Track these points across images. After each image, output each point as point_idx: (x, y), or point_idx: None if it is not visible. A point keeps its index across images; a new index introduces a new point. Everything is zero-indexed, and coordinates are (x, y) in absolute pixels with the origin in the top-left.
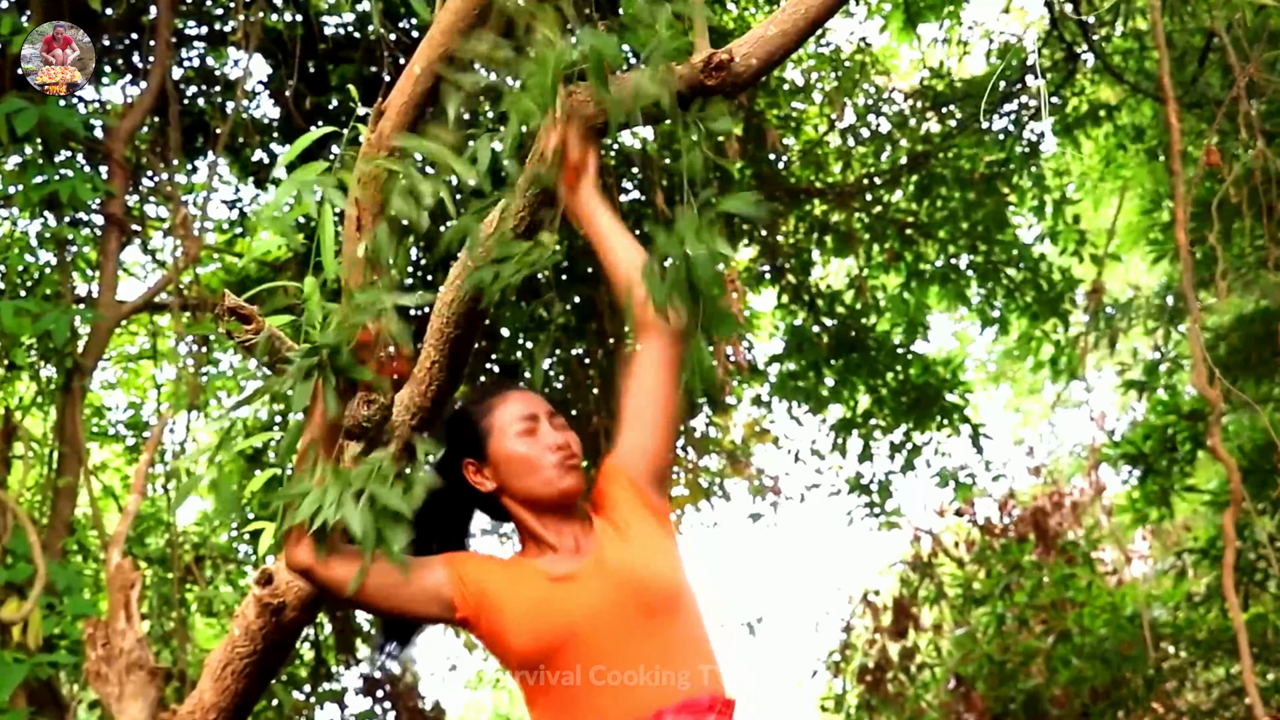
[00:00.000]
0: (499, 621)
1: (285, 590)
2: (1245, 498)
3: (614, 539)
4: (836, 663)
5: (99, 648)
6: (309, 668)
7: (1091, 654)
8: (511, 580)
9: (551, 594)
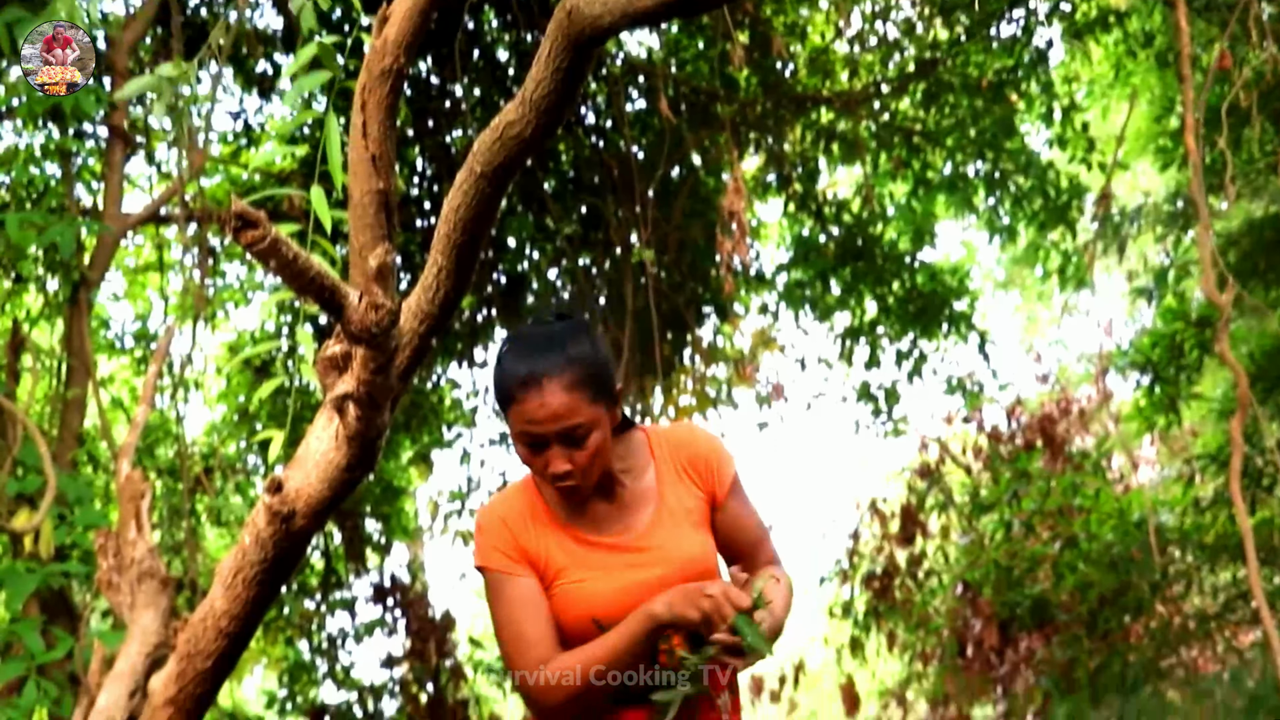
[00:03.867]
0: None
1: (295, 498)
2: (1253, 403)
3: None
4: (844, 570)
5: (110, 557)
6: (319, 576)
7: (1098, 560)
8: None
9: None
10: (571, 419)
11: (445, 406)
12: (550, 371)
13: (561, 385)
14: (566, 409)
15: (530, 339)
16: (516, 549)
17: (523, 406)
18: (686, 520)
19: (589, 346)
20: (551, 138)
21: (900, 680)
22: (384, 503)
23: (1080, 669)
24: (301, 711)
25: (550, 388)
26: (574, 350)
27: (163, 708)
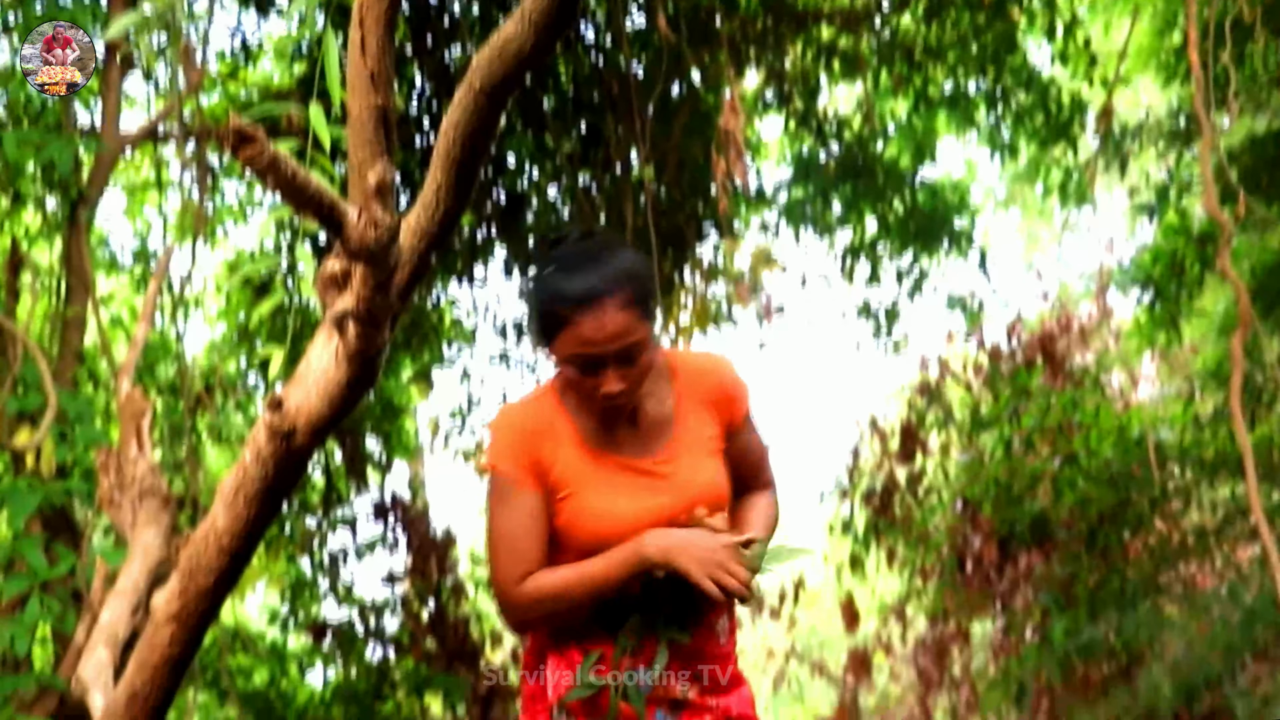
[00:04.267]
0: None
1: (295, 416)
2: (1254, 319)
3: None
4: (844, 487)
5: (111, 475)
6: (320, 494)
7: (1097, 476)
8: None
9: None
10: (629, 337)
11: (445, 325)
12: (606, 290)
13: (618, 304)
14: (625, 328)
15: (575, 258)
16: (531, 460)
17: (579, 328)
18: (703, 448)
19: (636, 262)
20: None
21: (899, 596)
22: (384, 421)
23: (1079, 585)
24: (303, 628)
25: (608, 306)
26: (624, 266)
27: (165, 624)
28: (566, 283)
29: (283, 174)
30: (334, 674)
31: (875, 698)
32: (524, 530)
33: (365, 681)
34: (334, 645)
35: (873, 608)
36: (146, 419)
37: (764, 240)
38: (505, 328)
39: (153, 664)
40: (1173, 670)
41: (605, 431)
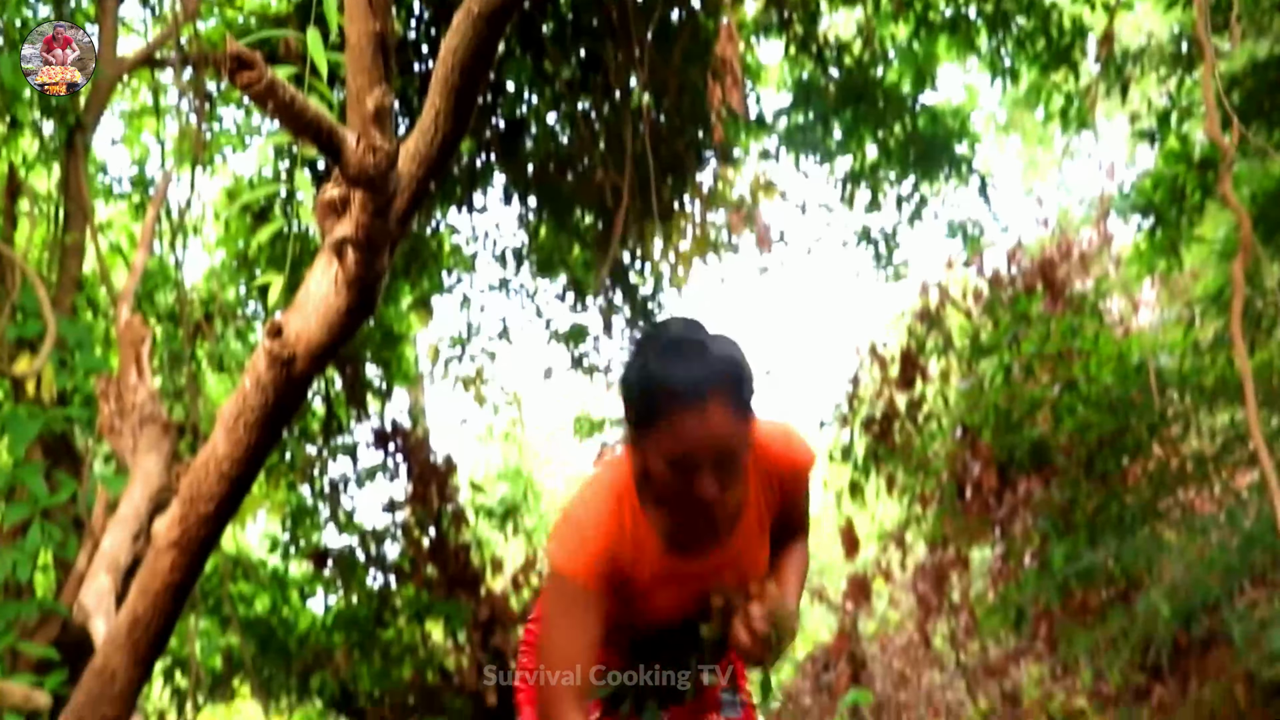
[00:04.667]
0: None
1: (295, 343)
2: (1255, 245)
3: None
4: (844, 414)
5: (112, 402)
6: (321, 422)
7: (1097, 402)
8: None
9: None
10: (731, 441)
11: (445, 252)
12: (712, 390)
13: (723, 405)
14: (728, 430)
15: (678, 348)
16: (608, 573)
17: (680, 428)
18: (763, 530)
19: (740, 356)
20: None
21: (899, 523)
22: (384, 348)
23: (1078, 511)
24: (304, 555)
25: (712, 407)
26: (729, 362)
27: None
28: (670, 377)
29: (281, 100)
30: (335, 601)
31: (874, 623)
32: (586, 646)
33: (366, 608)
34: (335, 572)
35: (872, 534)
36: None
37: (764, 167)
38: (504, 254)
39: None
40: (1170, 595)
41: (683, 530)
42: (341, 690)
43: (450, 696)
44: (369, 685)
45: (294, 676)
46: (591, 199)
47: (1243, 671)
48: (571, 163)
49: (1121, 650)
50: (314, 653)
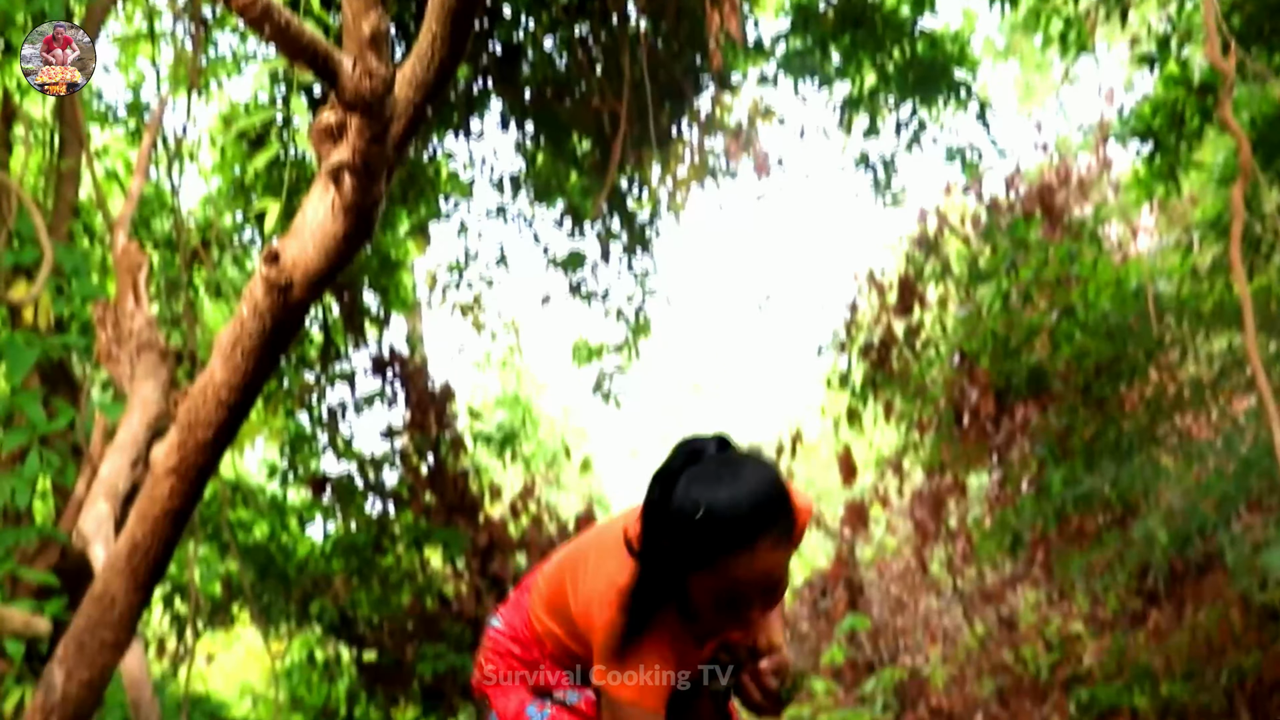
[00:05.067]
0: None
1: (292, 269)
2: (1254, 169)
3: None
4: (842, 341)
5: (109, 329)
6: (318, 349)
7: (1095, 328)
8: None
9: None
10: (776, 574)
11: (442, 178)
12: (762, 527)
13: (773, 540)
14: (777, 565)
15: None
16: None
17: (732, 569)
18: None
19: (778, 483)
20: None
21: (897, 449)
22: (382, 275)
23: (1075, 436)
24: (303, 482)
25: (762, 545)
26: (774, 491)
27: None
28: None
29: (276, 24)
30: (334, 528)
31: (872, 550)
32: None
33: (365, 535)
34: (333, 499)
35: (870, 461)
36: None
37: (762, 92)
38: (502, 181)
39: (153, 517)
40: (1167, 520)
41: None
42: (340, 616)
43: (449, 622)
44: (368, 611)
45: (293, 603)
46: (589, 125)
47: (1238, 595)
48: (569, 88)
49: (1117, 575)
50: (313, 579)
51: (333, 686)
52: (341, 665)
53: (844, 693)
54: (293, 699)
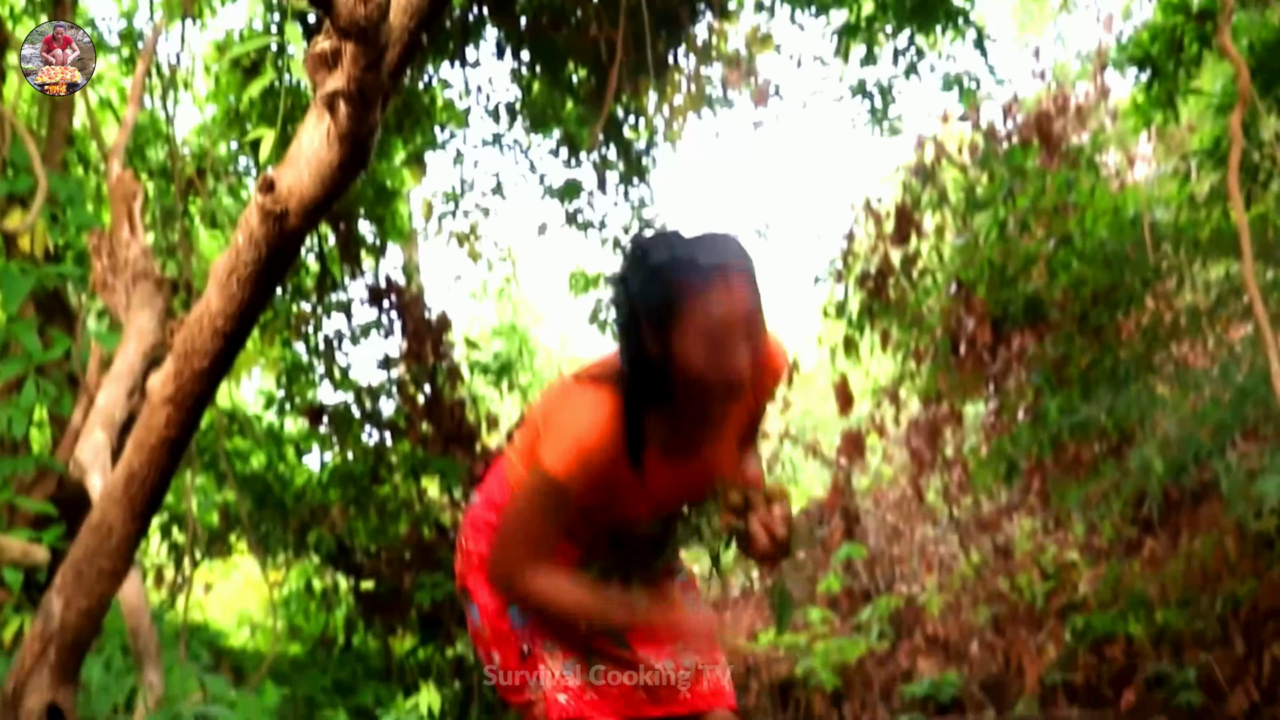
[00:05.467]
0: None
1: (287, 197)
2: (1253, 96)
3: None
4: (839, 270)
5: (104, 258)
6: (314, 278)
7: (1092, 257)
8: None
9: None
10: (758, 314)
11: (437, 107)
12: (732, 265)
13: (745, 278)
14: (754, 302)
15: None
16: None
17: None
18: (735, 434)
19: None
20: None
21: (893, 378)
22: (378, 205)
23: (1072, 365)
24: (299, 412)
25: (736, 280)
26: (739, 245)
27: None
28: (690, 262)
29: None
30: (331, 457)
31: (868, 479)
32: (553, 531)
33: (362, 464)
34: (330, 429)
35: (866, 390)
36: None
37: (759, 20)
38: (498, 110)
39: (149, 446)
40: (1163, 448)
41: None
42: (338, 545)
43: (446, 552)
44: (365, 541)
45: (290, 532)
46: (585, 53)
47: (1233, 523)
48: (565, 16)
49: (1113, 504)
50: (310, 509)
51: (330, 615)
52: (339, 594)
53: (840, 621)
54: (290, 628)
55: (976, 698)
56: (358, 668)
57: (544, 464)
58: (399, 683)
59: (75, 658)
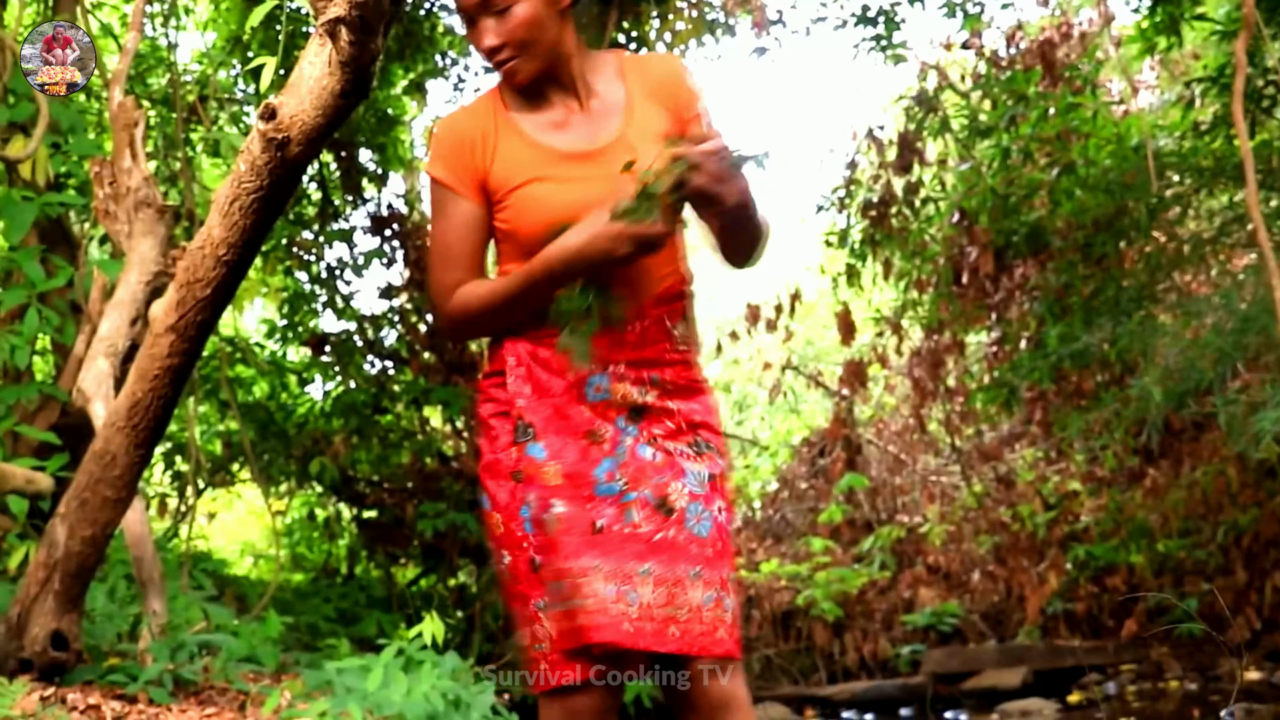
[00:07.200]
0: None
1: (289, 125)
2: (1258, 22)
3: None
4: (841, 199)
5: (106, 186)
6: (317, 207)
7: (1095, 185)
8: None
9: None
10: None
11: (439, 33)
12: None
13: None
14: None
15: None
16: (468, 168)
17: None
18: (654, 140)
19: None
20: None
21: (895, 308)
22: (379, 133)
23: (1074, 294)
24: (301, 340)
25: None
26: None
27: (164, 334)
28: None
29: None
30: (333, 387)
31: (870, 408)
32: (458, 238)
33: (364, 394)
34: (333, 358)
35: (868, 319)
36: (139, 129)
37: None
38: None
39: (152, 374)
40: (1164, 378)
41: (552, 118)
42: (340, 475)
43: (449, 481)
44: (368, 470)
45: (293, 461)
46: None
47: (1234, 453)
48: None
49: (1115, 433)
50: (312, 438)
51: (333, 545)
52: (342, 524)
53: (841, 551)
54: (293, 557)
55: (978, 627)
56: (360, 597)
57: (427, 172)
58: (401, 612)
59: (79, 585)
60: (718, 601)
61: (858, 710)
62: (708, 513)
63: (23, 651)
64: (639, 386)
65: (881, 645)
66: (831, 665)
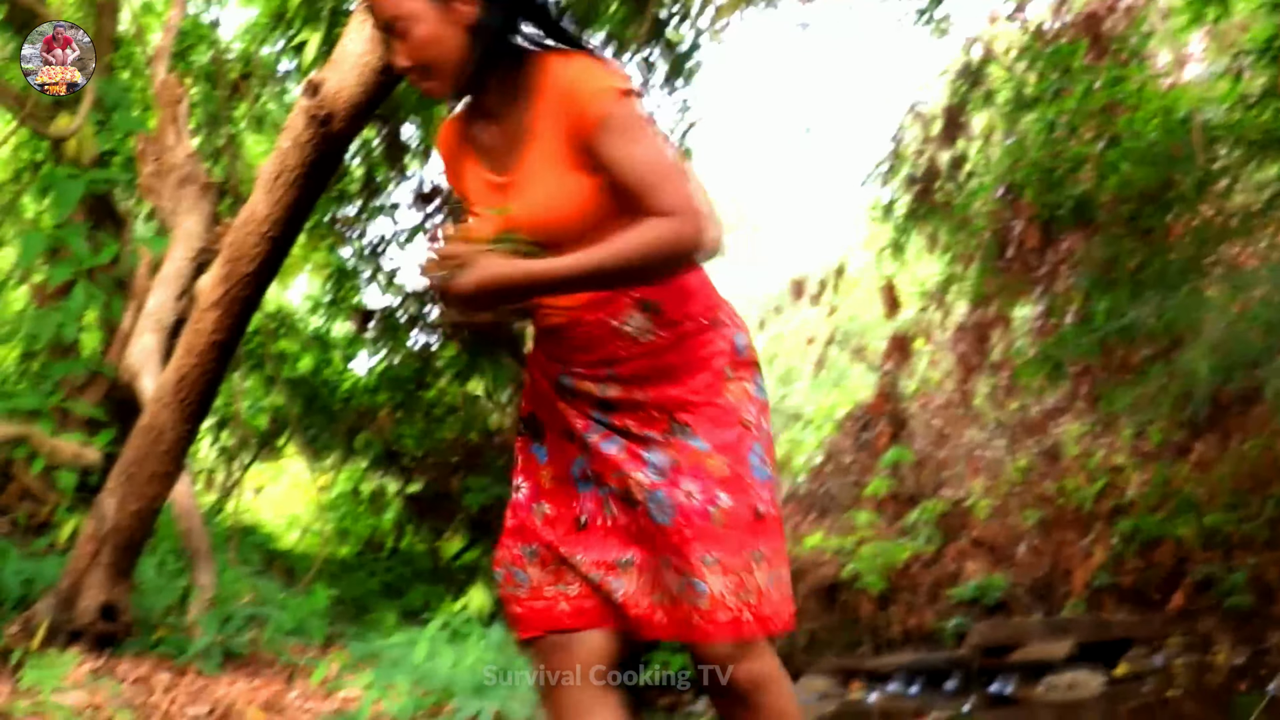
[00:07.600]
0: None
1: (332, 100)
2: None
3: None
4: (885, 172)
5: (151, 162)
6: (360, 182)
7: (1141, 157)
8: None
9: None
10: (387, 9)
11: None
12: None
13: None
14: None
15: None
16: (451, 171)
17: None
18: (558, 161)
19: None
20: None
21: (940, 282)
22: (421, 106)
23: (1120, 267)
24: (346, 316)
25: None
26: None
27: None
28: None
29: None
30: (377, 362)
31: (915, 383)
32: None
33: (409, 368)
34: (377, 332)
35: (913, 293)
36: (184, 105)
37: None
38: None
39: (199, 349)
40: (1211, 351)
41: (489, 141)
42: (385, 449)
43: (492, 454)
44: (412, 444)
45: (338, 435)
46: None
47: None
48: None
49: (1162, 406)
50: (357, 412)
51: (379, 518)
52: (387, 497)
53: (886, 524)
54: (339, 530)
55: (1023, 600)
56: (406, 570)
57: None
58: (447, 584)
59: (129, 558)
60: (689, 587)
61: (903, 682)
62: (669, 501)
63: (73, 623)
64: (599, 384)
65: (927, 618)
66: (877, 638)
